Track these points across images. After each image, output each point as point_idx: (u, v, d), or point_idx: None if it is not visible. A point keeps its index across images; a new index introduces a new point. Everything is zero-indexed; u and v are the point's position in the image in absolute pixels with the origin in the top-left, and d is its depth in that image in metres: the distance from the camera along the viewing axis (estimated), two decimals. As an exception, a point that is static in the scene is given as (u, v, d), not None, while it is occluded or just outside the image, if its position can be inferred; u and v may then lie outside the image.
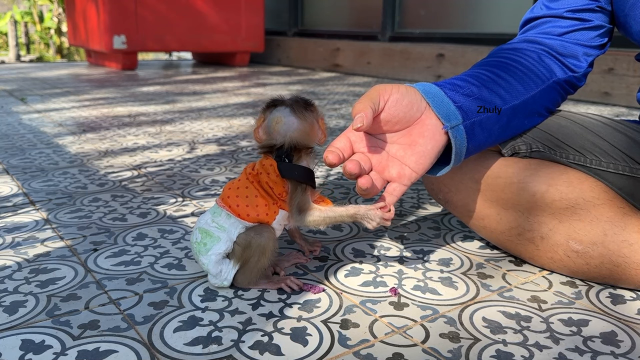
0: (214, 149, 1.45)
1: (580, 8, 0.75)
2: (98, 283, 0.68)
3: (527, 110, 0.71)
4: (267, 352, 0.54)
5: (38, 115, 1.95)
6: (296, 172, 0.63)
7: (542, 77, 0.72)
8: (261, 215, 0.64)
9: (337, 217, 0.63)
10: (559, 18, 0.76)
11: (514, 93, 0.69)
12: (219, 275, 0.65)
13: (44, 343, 0.55)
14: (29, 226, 0.87)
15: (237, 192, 0.65)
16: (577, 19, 0.75)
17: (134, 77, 3.34)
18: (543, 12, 0.78)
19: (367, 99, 0.59)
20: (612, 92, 2.28)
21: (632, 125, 0.75)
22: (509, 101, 0.68)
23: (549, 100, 0.75)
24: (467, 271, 0.72)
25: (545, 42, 0.75)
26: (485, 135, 0.66)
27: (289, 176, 0.63)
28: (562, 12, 0.76)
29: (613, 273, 0.66)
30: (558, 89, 0.75)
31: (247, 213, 0.64)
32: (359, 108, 0.58)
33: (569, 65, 0.75)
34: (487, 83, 0.67)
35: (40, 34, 6.43)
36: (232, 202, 0.64)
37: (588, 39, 0.75)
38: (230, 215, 0.64)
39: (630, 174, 0.70)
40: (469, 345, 0.55)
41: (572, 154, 0.72)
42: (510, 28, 2.72)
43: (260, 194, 0.64)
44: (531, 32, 0.79)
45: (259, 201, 0.64)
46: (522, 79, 0.70)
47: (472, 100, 0.65)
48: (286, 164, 0.63)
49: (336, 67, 3.77)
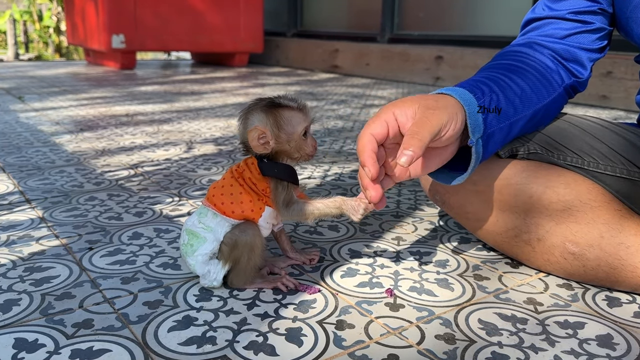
0: (212, 148, 1.45)
1: (583, 10, 0.75)
2: (93, 282, 0.68)
3: (534, 120, 0.72)
4: (262, 353, 0.53)
5: (35, 114, 1.94)
6: (276, 170, 0.64)
7: (555, 86, 0.73)
8: (246, 212, 0.64)
9: (325, 209, 0.64)
10: (561, 20, 0.76)
11: (527, 103, 0.69)
12: (207, 275, 0.65)
13: (37, 342, 0.55)
14: (25, 224, 0.87)
15: (222, 190, 0.65)
16: (579, 21, 0.75)
17: (132, 77, 3.33)
18: (545, 13, 0.78)
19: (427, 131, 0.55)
20: (610, 95, 2.29)
21: (630, 128, 0.75)
22: (520, 112, 0.68)
23: (556, 108, 0.75)
24: (464, 273, 0.72)
25: (551, 47, 0.75)
26: (496, 145, 0.66)
27: (269, 174, 0.64)
28: (564, 13, 0.76)
29: (609, 275, 0.66)
30: (564, 95, 0.76)
31: (232, 210, 0.64)
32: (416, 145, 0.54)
33: (572, 70, 0.75)
34: (506, 90, 0.67)
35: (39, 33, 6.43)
36: (217, 201, 0.64)
37: (589, 42, 0.75)
38: (217, 214, 0.64)
39: (627, 176, 0.70)
40: (465, 347, 0.55)
41: (569, 156, 0.72)
42: (509, 31, 2.72)
43: (244, 190, 0.64)
44: (533, 33, 0.79)
45: (243, 198, 0.64)
46: (537, 88, 0.70)
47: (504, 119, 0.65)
48: (266, 163, 0.64)
49: (335, 68, 3.77)
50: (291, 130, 0.63)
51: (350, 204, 0.62)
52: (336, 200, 0.63)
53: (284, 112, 0.63)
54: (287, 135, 0.63)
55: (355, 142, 1.54)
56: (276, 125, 0.62)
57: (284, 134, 0.63)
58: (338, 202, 0.63)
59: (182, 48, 4.10)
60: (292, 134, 0.63)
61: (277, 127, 0.62)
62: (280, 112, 0.63)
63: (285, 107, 0.63)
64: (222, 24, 3.91)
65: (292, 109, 0.63)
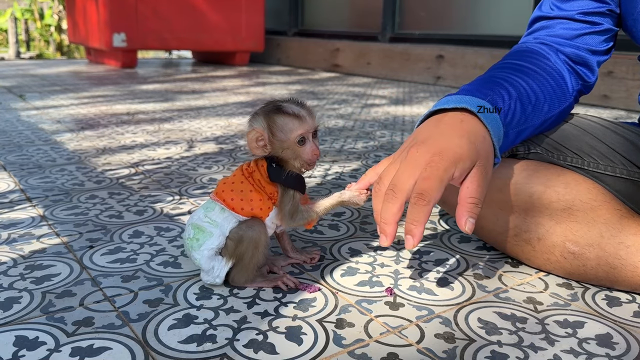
0: (212, 147, 1.45)
1: (592, 11, 0.75)
2: (93, 280, 0.68)
3: (541, 128, 0.73)
4: (262, 351, 0.53)
5: (36, 112, 1.95)
6: (283, 177, 0.64)
7: (567, 96, 0.74)
8: (255, 210, 0.64)
9: (328, 209, 0.66)
10: (570, 20, 0.76)
11: (538, 113, 0.70)
12: (211, 271, 0.65)
13: (37, 339, 0.55)
14: (25, 222, 0.87)
15: (232, 186, 0.65)
16: (588, 22, 0.75)
17: (134, 75, 3.34)
18: (554, 12, 0.78)
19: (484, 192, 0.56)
20: (611, 95, 2.29)
21: (631, 128, 0.75)
22: (530, 121, 0.69)
23: (564, 115, 0.76)
24: (463, 272, 0.72)
25: (563, 51, 0.76)
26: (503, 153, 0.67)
27: (277, 180, 0.64)
28: (573, 14, 0.76)
29: (609, 275, 0.66)
30: (573, 103, 0.77)
31: (241, 207, 0.64)
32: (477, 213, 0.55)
33: (582, 74, 0.76)
34: (522, 97, 0.67)
35: (40, 31, 6.43)
36: (227, 196, 0.65)
37: (597, 43, 0.75)
38: (224, 209, 0.64)
39: (627, 177, 0.70)
40: (464, 346, 0.55)
41: (569, 156, 0.72)
42: (510, 30, 2.72)
43: (255, 189, 0.65)
44: (542, 32, 0.79)
45: (253, 196, 0.64)
46: (551, 98, 0.71)
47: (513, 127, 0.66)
48: (275, 169, 0.64)
49: (336, 67, 3.77)
50: (283, 137, 0.63)
51: (348, 195, 0.66)
52: (334, 197, 0.66)
53: (278, 118, 0.63)
54: (279, 142, 0.63)
55: (356, 141, 1.54)
56: (270, 131, 0.63)
57: (277, 140, 0.63)
58: (336, 197, 0.66)
59: (183, 47, 4.10)
60: (285, 141, 0.63)
61: (271, 132, 0.63)
62: (275, 118, 0.63)
63: (281, 113, 0.63)
64: (223, 22, 3.91)
65: (288, 115, 0.63)
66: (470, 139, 0.57)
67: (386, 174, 0.59)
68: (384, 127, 1.79)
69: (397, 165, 0.58)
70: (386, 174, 0.59)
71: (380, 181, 0.59)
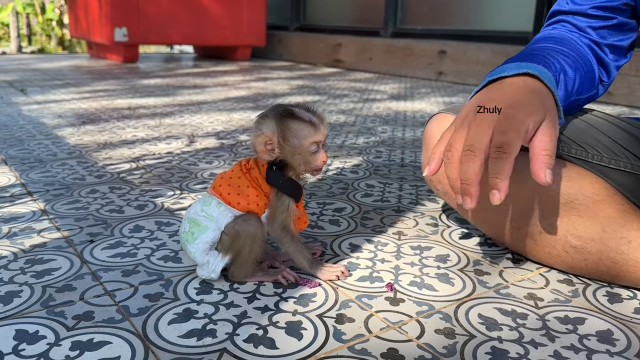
0: (213, 142, 1.45)
1: (605, 5, 0.75)
2: (93, 274, 0.68)
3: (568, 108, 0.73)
4: (262, 346, 0.53)
5: (38, 107, 1.94)
6: (280, 182, 0.64)
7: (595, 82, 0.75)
8: (251, 205, 0.64)
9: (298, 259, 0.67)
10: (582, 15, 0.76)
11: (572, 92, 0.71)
12: (206, 266, 0.65)
13: (37, 333, 0.55)
14: (26, 217, 0.87)
15: (229, 181, 0.65)
16: (600, 17, 0.75)
17: (135, 70, 3.33)
18: (568, 7, 0.78)
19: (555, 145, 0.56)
20: (614, 91, 2.28)
21: (635, 123, 0.75)
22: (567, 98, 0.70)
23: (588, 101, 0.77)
24: (464, 268, 0.72)
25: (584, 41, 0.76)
26: None
27: (274, 184, 0.64)
28: (586, 8, 0.75)
29: (611, 270, 0.66)
30: (596, 92, 0.77)
31: (237, 201, 0.64)
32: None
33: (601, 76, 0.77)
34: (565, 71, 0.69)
35: (42, 26, 6.42)
36: (224, 191, 0.64)
37: (616, 40, 0.76)
38: (221, 203, 0.64)
39: (631, 170, 0.70)
40: (464, 342, 0.55)
41: (574, 148, 0.71)
42: (512, 26, 2.71)
43: (252, 185, 0.65)
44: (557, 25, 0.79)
45: (250, 191, 0.64)
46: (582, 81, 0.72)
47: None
48: (275, 171, 0.64)
49: (338, 62, 3.76)
50: (297, 143, 0.62)
51: (320, 268, 0.67)
52: (310, 260, 0.67)
53: (293, 123, 0.62)
54: (291, 147, 0.62)
55: (357, 137, 1.54)
56: (282, 136, 0.62)
57: (288, 145, 0.62)
58: (309, 262, 0.67)
59: (185, 41, 4.09)
60: (298, 147, 0.62)
61: (283, 137, 0.62)
62: (289, 123, 0.62)
63: (296, 118, 0.62)
64: (225, 17, 3.90)
65: (303, 121, 0.62)
66: (537, 96, 0.58)
67: (456, 139, 0.58)
68: (386, 122, 1.79)
69: (465, 129, 0.57)
70: (456, 139, 0.58)
71: (452, 147, 0.58)
